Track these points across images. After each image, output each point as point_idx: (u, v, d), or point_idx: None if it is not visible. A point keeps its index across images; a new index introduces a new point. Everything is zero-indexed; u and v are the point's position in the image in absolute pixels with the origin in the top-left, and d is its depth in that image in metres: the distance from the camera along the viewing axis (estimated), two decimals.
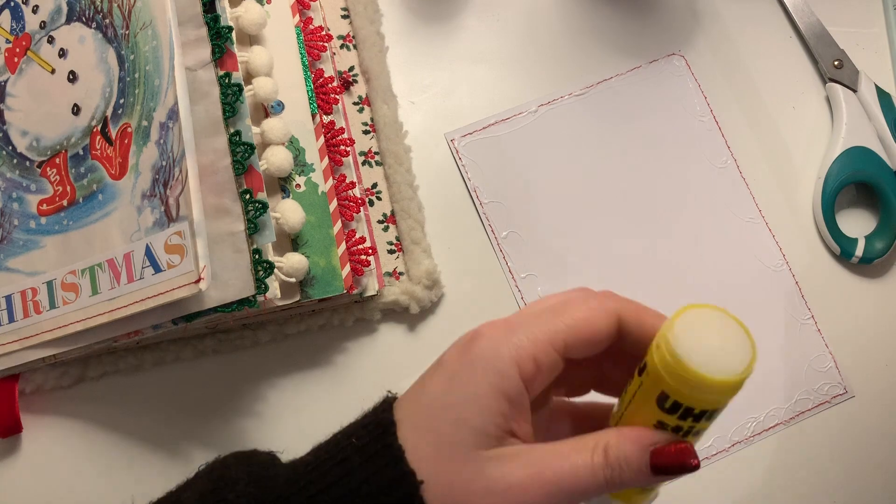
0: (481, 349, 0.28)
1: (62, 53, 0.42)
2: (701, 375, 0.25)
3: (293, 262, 0.38)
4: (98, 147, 0.40)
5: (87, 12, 0.41)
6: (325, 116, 0.44)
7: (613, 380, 0.32)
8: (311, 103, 0.43)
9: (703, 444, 0.45)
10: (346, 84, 0.48)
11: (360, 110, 0.48)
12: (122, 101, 0.39)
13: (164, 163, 0.36)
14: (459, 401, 0.28)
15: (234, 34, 0.38)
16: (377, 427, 0.29)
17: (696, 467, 0.27)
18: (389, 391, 0.31)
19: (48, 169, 0.42)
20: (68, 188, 0.41)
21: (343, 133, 0.44)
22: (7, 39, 0.44)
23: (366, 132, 0.48)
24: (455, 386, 0.28)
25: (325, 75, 0.45)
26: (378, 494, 0.28)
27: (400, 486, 0.28)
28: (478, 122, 0.49)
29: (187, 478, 0.32)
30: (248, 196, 0.37)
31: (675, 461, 0.27)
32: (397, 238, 0.47)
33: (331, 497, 0.28)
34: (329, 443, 0.31)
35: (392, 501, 0.28)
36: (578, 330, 0.28)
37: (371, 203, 0.47)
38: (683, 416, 0.27)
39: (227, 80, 0.37)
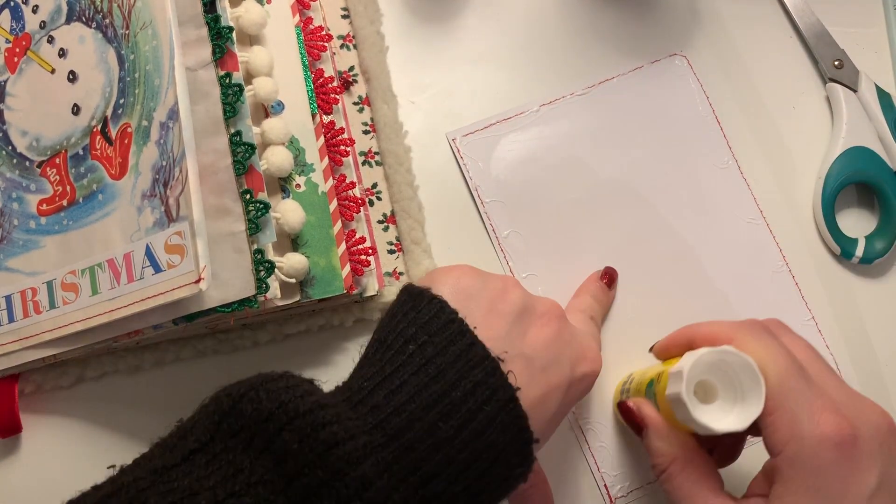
0: None
1: (62, 53, 0.41)
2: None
3: (293, 262, 0.38)
4: (98, 147, 0.40)
5: (87, 12, 0.41)
6: (325, 116, 0.44)
7: None
8: (311, 103, 0.43)
9: None
10: (346, 84, 0.48)
11: (360, 110, 0.48)
12: (122, 100, 0.39)
13: (164, 163, 0.36)
14: None
15: (234, 34, 0.38)
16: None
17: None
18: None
19: (48, 169, 0.42)
20: (68, 188, 0.41)
21: (343, 133, 0.44)
22: (7, 39, 0.44)
23: (366, 132, 0.48)
24: None
25: (325, 75, 0.45)
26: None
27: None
28: (479, 122, 0.49)
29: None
30: (248, 196, 0.37)
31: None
32: (397, 238, 0.47)
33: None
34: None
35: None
36: None
37: (371, 203, 0.47)
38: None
39: (227, 81, 0.37)
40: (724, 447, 0.39)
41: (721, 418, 0.33)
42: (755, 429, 0.33)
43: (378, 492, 0.27)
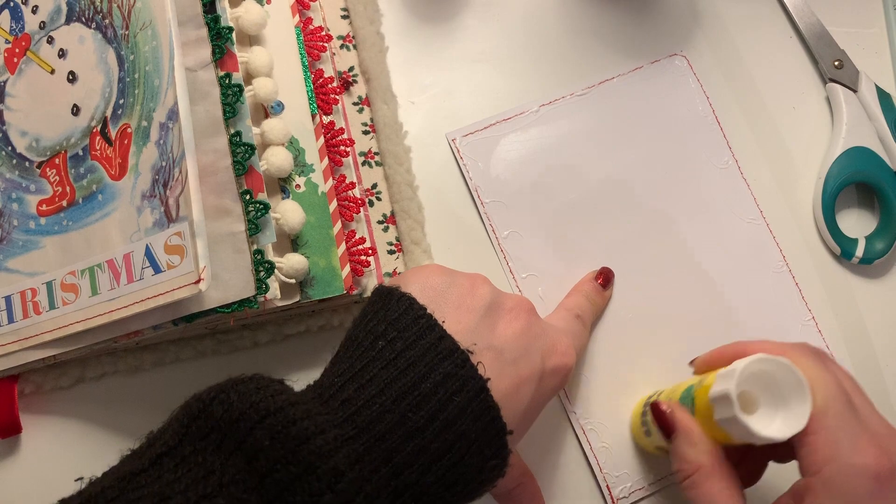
0: None
1: (62, 54, 0.41)
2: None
3: (293, 262, 0.38)
4: (98, 147, 0.40)
5: (86, 12, 0.41)
6: (324, 117, 0.44)
7: None
8: (311, 103, 0.43)
9: None
10: (346, 84, 0.48)
11: (360, 110, 0.48)
12: (121, 101, 0.39)
13: (163, 163, 0.36)
14: None
15: (234, 35, 0.38)
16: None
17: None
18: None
19: (48, 169, 0.42)
20: (68, 189, 0.41)
21: (343, 133, 0.44)
22: (6, 40, 0.44)
23: (366, 132, 0.48)
24: None
25: (325, 75, 0.45)
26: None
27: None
28: (479, 122, 0.49)
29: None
30: (248, 196, 0.37)
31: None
32: (397, 238, 0.47)
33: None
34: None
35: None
36: None
37: (371, 203, 0.47)
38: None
39: (227, 81, 0.37)
40: (747, 466, 0.38)
41: (763, 427, 0.33)
42: (779, 453, 0.33)
43: (350, 483, 0.27)
